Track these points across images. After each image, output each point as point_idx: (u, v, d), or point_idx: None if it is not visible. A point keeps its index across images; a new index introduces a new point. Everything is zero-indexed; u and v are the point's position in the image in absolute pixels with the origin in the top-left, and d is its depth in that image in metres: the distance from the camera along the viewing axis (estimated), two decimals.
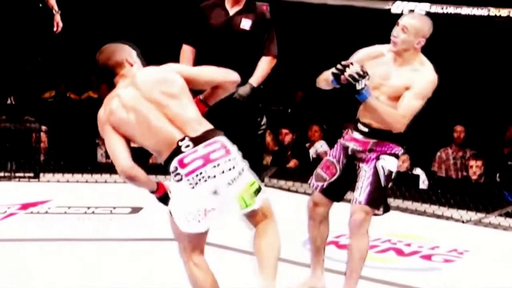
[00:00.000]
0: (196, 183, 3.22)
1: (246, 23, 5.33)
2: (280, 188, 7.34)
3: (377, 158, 4.02)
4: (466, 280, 4.69)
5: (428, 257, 5.10)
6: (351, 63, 3.91)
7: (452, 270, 4.78)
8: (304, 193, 6.82)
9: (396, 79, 4.00)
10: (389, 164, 4.05)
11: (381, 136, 4.06)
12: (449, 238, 5.57)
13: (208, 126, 3.35)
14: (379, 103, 3.96)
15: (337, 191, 4.23)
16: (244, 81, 5.26)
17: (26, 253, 4.71)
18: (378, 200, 4.05)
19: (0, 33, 6.85)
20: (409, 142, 8.64)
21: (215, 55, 5.09)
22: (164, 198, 3.37)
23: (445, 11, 8.50)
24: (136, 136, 3.33)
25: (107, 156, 7.89)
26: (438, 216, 6.28)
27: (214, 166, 3.25)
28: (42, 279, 4.23)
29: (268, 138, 8.38)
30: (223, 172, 3.26)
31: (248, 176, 3.33)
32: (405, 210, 6.47)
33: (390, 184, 4.11)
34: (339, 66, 3.91)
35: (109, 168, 7.17)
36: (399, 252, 5.17)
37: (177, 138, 3.26)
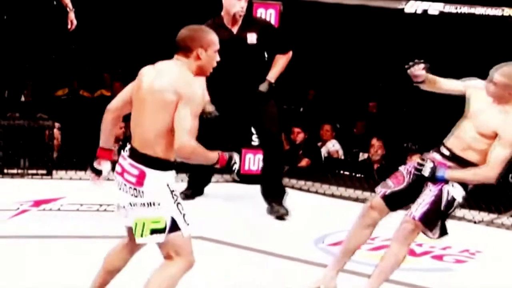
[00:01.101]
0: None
1: (251, 37, 5.67)
2: (292, 187, 7.34)
3: (446, 182, 4.06)
4: (478, 281, 4.69)
5: (439, 258, 5.09)
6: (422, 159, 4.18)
7: (463, 270, 4.78)
8: (316, 192, 6.84)
9: (487, 117, 4.14)
10: (456, 191, 4.11)
11: (460, 163, 4.12)
12: (461, 238, 5.55)
13: (147, 150, 3.33)
14: (460, 172, 4.11)
15: (397, 201, 4.25)
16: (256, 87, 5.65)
17: (39, 250, 4.74)
18: (432, 221, 4.10)
19: (15, 31, 6.87)
20: (423, 141, 8.66)
21: (227, 68, 5.24)
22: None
23: (459, 11, 8.47)
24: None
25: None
26: (450, 216, 6.26)
27: (122, 183, 3.40)
28: (54, 276, 4.25)
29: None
30: (126, 192, 3.38)
31: (157, 212, 3.33)
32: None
33: (449, 211, 4.12)
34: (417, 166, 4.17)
35: None
36: (411, 252, 5.14)
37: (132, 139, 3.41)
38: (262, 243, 5.00)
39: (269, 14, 6.93)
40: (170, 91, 3.29)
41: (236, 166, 3.39)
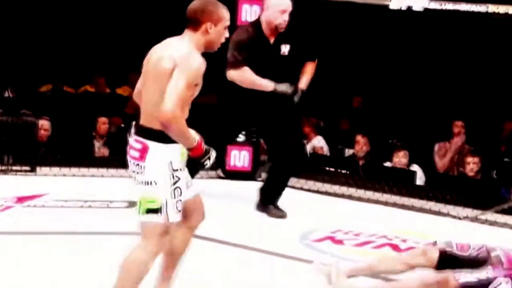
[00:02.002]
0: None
1: (285, 48, 5.66)
2: None
3: (505, 276, 4.01)
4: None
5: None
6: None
7: None
8: (301, 188, 6.84)
9: None
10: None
11: None
12: (445, 234, 5.56)
13: (151, 123, 3.30)
14: None
15: (450, 264, 4.16)
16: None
17: (23, 246, 4.70)
18: None
19: None
20: (408, 138, 8.67)
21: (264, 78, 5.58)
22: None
23: (443, 7, 8.49)
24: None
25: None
26: (435, 213, 6.29)
27: (129, 162, 3.35)
28: (37, 272, 4.22)
29: None
30: (133, 171, 3.34)
31: (153, 192, 3.30)
32: (402, 206, 6.48)
33: None
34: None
35: (106, 162, 7.18)
36: (395, 248, 5.17)
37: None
38: (246, 239, 4.99)
39: (253, 11, 6.93)
40: (166, 60, 3.26)
41: (208, 163, 3.34)
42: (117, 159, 7.17)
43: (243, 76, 5.57)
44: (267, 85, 5.55)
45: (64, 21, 9.66)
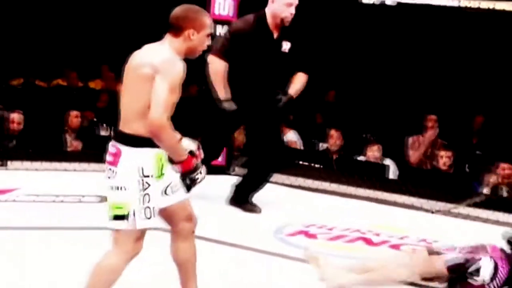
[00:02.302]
0: None
1: (286, 45, 5.55)
2: None
3: (490, 257, 4.10)
4: None
5: (397, 247, 5.11)
6: None
7: None
8: (276, 183, 6.84)
9: None
10: (487, 269, 4.12)
11: None
12: (418, 228, 5.60)
13: (126, 128, 3.28)
14: None
15: None
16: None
17: None
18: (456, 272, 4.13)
19: None
20: (381, 132, 8.70)
21: (259, 70, 5.47)
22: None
23: (416, 2, 8.52)
24: None
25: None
26: (408, 206, 6.31)
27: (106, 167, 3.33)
28: (10, 267, 4.19)
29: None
30: (107, 176, 3.30)
31: (121, 197, 3.26)
32: (375, 200, 6.50)
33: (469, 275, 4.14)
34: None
35: (78, 156, 7.12)
36: (368, 242, 5.18)
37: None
38: (220, 233, 4.98)
39: (227, 5, 6.90)
40: (147, 66, 3.22)
41: (198, 179, 3.27)
42: (89, 153, 7.13)
43: (217, 68, 5.49)
44: (221, 92, 5.45)
45: (35, 15, 9.59)
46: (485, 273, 4.15)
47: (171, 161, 3.29)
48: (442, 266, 4.15)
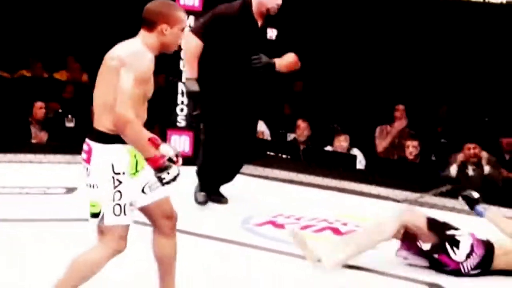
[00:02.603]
0: None
1: (271, 33, 5.43)
2: None
3: (469, 234, 4.36)
4: (397, 260, 4.71)
5: None
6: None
7: (388, 248, 4.80)
8: (242, 173, 6.82)
9: None
10: (466, 244, 4.35)
11: None
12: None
13: (97, 124, 3.24)
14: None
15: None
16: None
17: None
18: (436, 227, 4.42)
19: None
20: (348, 122, 8.73)
21: (244, 59, 5.30)
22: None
23: None
24: None
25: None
26: (375, 196, 6.34)
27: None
28: None
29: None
30: (85, 175, 3.28)
31: (95, 195, 3.24)
32: (342, 190, 6.51)
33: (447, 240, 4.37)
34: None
35: (43, 148, 7.06)
36: (336, 231, 5.19)
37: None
38: (188, 225, 4.94)
39: None
40: (115, 59, 3.19)
41: (166, 178, 3.20)
42: (54, 145, 7.06)
43: (190, 45, 5.29)
44: (191, 72, 5.30)
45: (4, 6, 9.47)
46: (463, 249, 4.25)
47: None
48: (424, 218, 4.38)
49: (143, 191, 3.31)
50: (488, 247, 4.34)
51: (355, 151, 7.65)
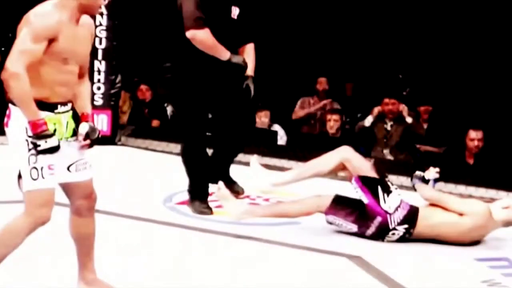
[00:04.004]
0: None
1: (235, 11, 5.11)
2: (138, 147, 7.26)
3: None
4: (323, 234, 4.74)
5: None
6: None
7: (310, 223, 4.84)
8: (162, 151, 6.78)
9: None
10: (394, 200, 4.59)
11: None
12: (307, 193, 5.64)
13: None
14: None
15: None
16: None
17: None
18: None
19: None
20: (269, 98, 8.73)
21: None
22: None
23: None
24: None
25: None
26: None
27: None
28: None
29: (124, 96, 8.22)
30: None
31: (15, 160, 3.20)
32: (264, 166, 6.50)
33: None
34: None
35: None
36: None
37: None
38: (109, 204, 4.88)
39: None
40: (24, 19, 3.17)
41: (40, 146, 3.11)
42: None
43: (208, 37, 4.91)
44: (225, 52, 4.95)
45: None
46: (393, 199, 4.47)
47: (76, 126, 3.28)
48: (366, 162, 4.72)
49: (68, 169, 3.28)
50: (414, 207, 4.52)
51: (276, 127, 7.67)
